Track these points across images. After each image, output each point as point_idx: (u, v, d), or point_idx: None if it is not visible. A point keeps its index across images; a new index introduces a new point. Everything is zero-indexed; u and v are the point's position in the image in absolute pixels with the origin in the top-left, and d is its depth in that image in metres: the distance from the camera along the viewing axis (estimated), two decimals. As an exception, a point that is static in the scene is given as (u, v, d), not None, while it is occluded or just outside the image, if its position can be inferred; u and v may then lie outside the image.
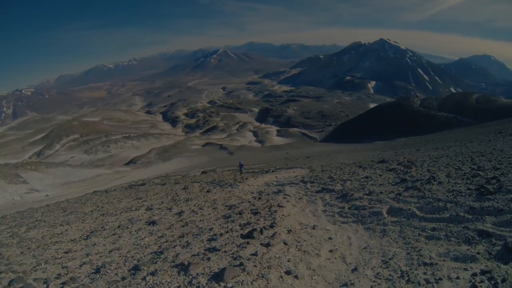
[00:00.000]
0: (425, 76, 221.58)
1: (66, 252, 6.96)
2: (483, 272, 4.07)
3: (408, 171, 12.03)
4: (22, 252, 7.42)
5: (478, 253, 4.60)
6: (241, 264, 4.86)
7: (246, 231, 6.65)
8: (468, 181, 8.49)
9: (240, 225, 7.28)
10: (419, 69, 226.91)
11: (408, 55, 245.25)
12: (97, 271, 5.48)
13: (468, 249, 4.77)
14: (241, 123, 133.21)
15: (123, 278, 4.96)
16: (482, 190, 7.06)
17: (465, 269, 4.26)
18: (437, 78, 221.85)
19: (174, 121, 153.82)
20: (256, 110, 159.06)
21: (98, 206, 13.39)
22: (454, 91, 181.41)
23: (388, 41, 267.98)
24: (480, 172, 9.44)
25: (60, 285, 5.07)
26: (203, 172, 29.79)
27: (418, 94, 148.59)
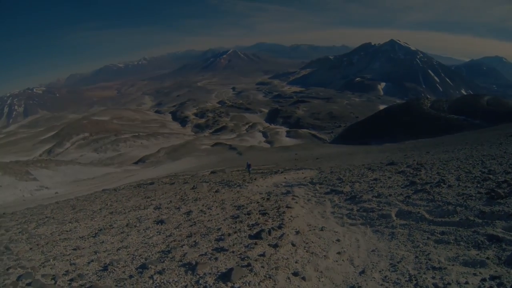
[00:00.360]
0: (435, 78, 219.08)
1: (75, 249, 7.03)
2: (492, 278, 4.03)
3: (418, 173, 11.94)
4: (31, 248, 7.52)
5: (487, 258, 4.55)
6: (249, 264, 4.87)
7: (254, 232, 6.66)
8: (478, 185, 8.40)
9: (248, 226, 7.28)
10: (429, 71, 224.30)
11: (418, 56, 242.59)
12: (105, 268, 5.53)
13: (477, 254, 4.73)
14: (250, 124, 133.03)
15: (131, 276, 5.00)
16: (493, 194, 6.99)
17: (474, 274, 4.22)
18: (448, 80, 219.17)
19: (183, 121, 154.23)
20: (266, 110, 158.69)
21: (107, 204, 13.49)
22: (465, 93, 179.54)
23: (398, 42, 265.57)
24: (491, 176, 9.33)
25: (68, 282, 5.13)
26: (212, 172, 29.86)
27: (429, 96, 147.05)
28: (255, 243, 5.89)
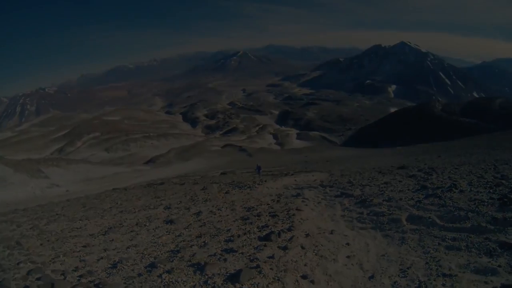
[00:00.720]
0: (447, 80, 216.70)
1: (84, 246, 7.11)
2: (503, 286, 3.96)
3: (429, 178, 11.84)
4: (41, 244, 7.62)
5: (499, 266, 4.48)
6: (258, 266, 4.86)
7: (264, 234, 6.65)
8: (490, 190, 8.30)
9: (258, 227, 7.28)
10: (440, 73, 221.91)
11: (429, 59, 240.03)
12: (114, 266, 5.58)
13: (489, 262, 4.65)
14: (261, 125, 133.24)
15: (139, 275, 5.03)
16: (505, 200, 6.89)
17: (486, 282, 4.15)
18: (459, 82, 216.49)
19: (194, 122, 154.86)
20: (276, 112, 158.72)
21: (117, 203, 13.61)
22: (477, 96, 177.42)
23: (409, 44, 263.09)
24: (504, 181, 9.21)
25: (77, 278, 5.18)
26: (222, 173, 29.95)
27: (440, 99, 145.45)
28: (264, 245, 5.89)
